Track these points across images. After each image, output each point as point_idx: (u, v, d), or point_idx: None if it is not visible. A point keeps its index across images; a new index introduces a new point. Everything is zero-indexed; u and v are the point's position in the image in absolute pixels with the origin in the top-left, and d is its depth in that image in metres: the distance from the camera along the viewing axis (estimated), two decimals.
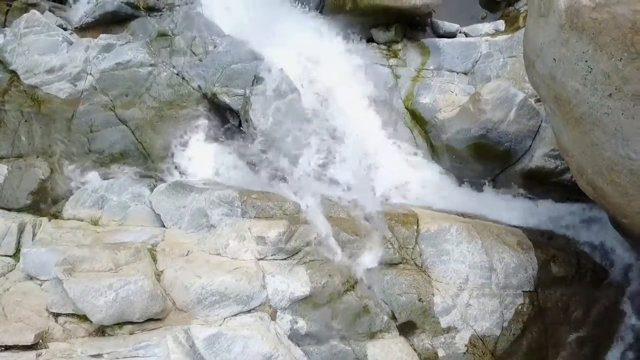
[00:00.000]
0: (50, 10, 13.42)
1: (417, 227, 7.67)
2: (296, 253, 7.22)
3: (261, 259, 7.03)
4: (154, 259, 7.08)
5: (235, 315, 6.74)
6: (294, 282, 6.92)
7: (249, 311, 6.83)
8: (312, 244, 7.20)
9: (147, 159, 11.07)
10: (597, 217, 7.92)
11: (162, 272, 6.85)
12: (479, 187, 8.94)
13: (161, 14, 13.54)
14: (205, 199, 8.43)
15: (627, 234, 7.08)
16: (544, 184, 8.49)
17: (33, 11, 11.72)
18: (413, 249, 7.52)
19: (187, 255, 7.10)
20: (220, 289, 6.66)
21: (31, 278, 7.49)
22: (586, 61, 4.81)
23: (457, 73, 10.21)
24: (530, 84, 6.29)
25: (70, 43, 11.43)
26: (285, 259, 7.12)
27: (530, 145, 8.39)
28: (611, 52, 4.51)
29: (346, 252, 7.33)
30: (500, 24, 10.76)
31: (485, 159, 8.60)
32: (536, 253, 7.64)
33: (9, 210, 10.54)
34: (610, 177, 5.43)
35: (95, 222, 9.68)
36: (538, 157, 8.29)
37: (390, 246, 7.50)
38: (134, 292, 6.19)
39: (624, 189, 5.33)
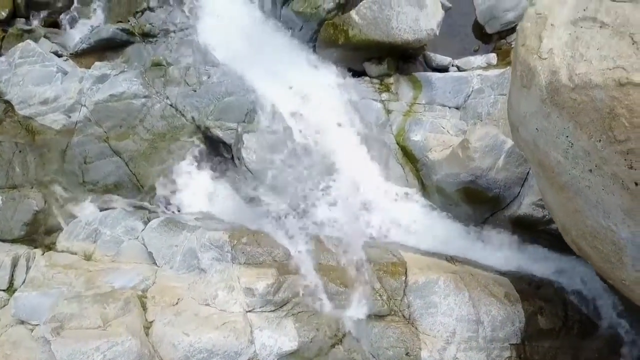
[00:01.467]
0: (45, 37, 13.47)
1: (406, 278, 7.71)
2: (285, 304, 7.27)
3: (249, 311, 7.09)
4: (144, 307, 7.12)
5: None
6: (281, 337, 6.97)
7: None
8: (300, 295, 7.26)
9: (140, 191, 11.12)
10: (585, 265, 7.94)
11: (151, 323, 6.88)
12: (469, 228, 8.96)
13: (156, 40, 13.59)
14: (197, 238, 8.49)
15: (613, 289, 7.14)
16: (533, 230, 8.54)
17: (28, 41, 11.75)
18: (401, 300, 7.57)
19: (177, 304, 7.14)
20: (208, 346, 6.71)
21: (22, 322, 7.50)
22: (567, 136, 4.86)
23: (449, 107, 10.25)
24: (516, 145, 6.32)
25: (65, 73, 11.47)
26: (273, 310, 7.17)
27: (519, 192, 8.44)
28: (590, 133, 4.56)
29: (335, 303, 7.39)
30: (493, 58, 10.81)
31: (475, 203, 8.65)
32: (523, 305, 7.68)
33: (3, 241, 10.61)
34: (593, 243, 5.48)
35: (88, 257, 9.73)
36: (526, 205, 8.34)
37: (379, 297, 7.55)
38: (121, 353, 6.24)
39: (607, 256, 5.38)
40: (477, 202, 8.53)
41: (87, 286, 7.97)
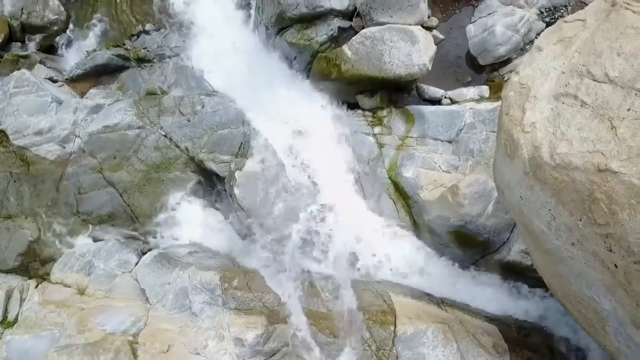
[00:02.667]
0: (41, 62, 13.53)
1: (395, 327, 7.75)
2: (274, 354, 7.32)
3: None
4: (135, 355, 7.15)
5: None
6: None
7: None
8: (290, 345, 7.29)
9: (134, 221, 11.18)
10: None
11: None
12: (460, 268, 9.00)
13: (151, 65, 13.66)
14: (189, 277, 8.55)
15: None
16: (522, 275, 8.57)
17: (23, 71, 11.81)
18: (390, 351, 7.61)
19: (167, 351, 7.19)
20: None
21: None
22: (549, 210, 4.90)
23: (442, 141, 10.28)
24: (502, 203, 6.36)
25: (60, 103, 11.52)
26: None
27: (509, 238, 8.48)
28: (572, 211, 4.60)
29: (324, 354, 7.43)
30: (485, 90, 10.83)
31: (465, 246, 8.69)
32: (511, 357, 7.72)
33: None
34: (577, 307, 5.53)
35: (82, 292, 9.79)
36: (515, 252, 8.39)
37: (368, 348, 7.60)
38: None
39: (591, 321, 5.42)
40: (467, 245, 8.57)
41: (79, 328, 8.01)
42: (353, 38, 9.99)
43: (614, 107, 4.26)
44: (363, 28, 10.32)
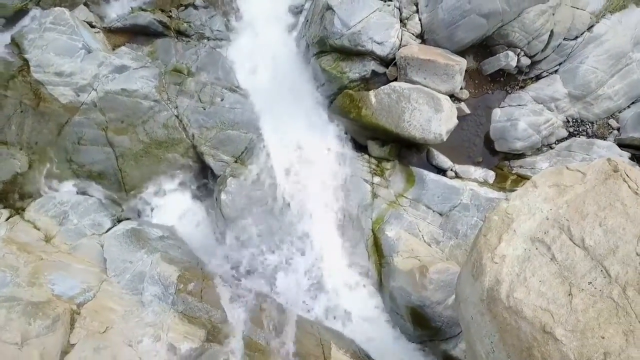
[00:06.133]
0: (85, 4, 13.61)
1: None
2: None
3: None
4: (72, 325, 7.28)
5: None
6: None
7: None
8: None
9: (121, 188, 11.33)
10: None
11: (72, 346, 7.07)
12: (409, 342, 9.09)
13: (188, 41, 13.75)
14: (151, 264, 8.67)
15: None
16: None
17: (64, 10, 11.95)
18: None
19: (104, 332, 7.32)
20: None
21: None
22: (492, 342, 5.00)
23: (433, 211, 10.37)
24: (455, 311, 6.47)
25: (89, 52, 11.65)
26: None
27: (459, 334, 8.57)
28: (509, 353, 4.70)
29: None
30: (491, 176, 10.91)
31: (418, 324, 8.80)
32: None
33: None
34: None
35: (48, 239, 9.94)
36: (460, 350, 8.50)
37: None
38: None
39: None
40: (420, 325, 8.68)
41: (30, 279, 8.15)
42: (382, 87, 10.07)
43: (578, 274, 4.36)
44: (396, 79, 10.39)
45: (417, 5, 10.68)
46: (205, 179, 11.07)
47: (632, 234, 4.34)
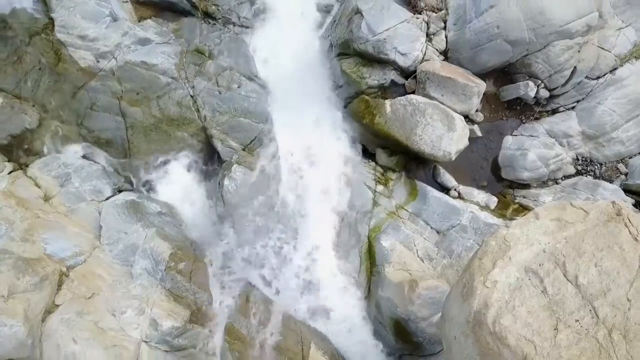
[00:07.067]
0: None
1: None
2: (180, 350, 7.47)
3: (145, 341, 7.29)
4: (60, 286, 7.33)
5: None
6: None
7: None
8: (197, 349, 7.44)
9: (127, 158, 11.36)
10: None
11: (57, 307, 7.11)
12: (387, 356, 9.12)
13: (214, 24, 13.78)
14: (146, 238, 8.70)
15: None
16: None
17: None
18: None
19: (89, 298, 7.36)
20: None
21: None
22: None
23: (431, 228, 10.40)
24: (439, 329, 6.50)
25: (115, 20, 11.71)
26: (167, 351, 7.38)
27: (440, 352, 8.60)
28: None
29: None
30: (493, 202, 10.94)
31: (399, 337, 8.83)
32: None
33: None
34: None
35: (47, 198, 9.98)
36: None
37: None
38: (5, 336, 6.46)
39: None
40: (401, 338, 8.71)
41: (24, 235, 8.18)
42: (398, 98, 10.11)
43: (567, 310, 4.38)
44: (413, 92, 10.41)
45: (445, 22, 10.70)
46: (211, 163, 11.08)
47: (625, 279, 4.36)
